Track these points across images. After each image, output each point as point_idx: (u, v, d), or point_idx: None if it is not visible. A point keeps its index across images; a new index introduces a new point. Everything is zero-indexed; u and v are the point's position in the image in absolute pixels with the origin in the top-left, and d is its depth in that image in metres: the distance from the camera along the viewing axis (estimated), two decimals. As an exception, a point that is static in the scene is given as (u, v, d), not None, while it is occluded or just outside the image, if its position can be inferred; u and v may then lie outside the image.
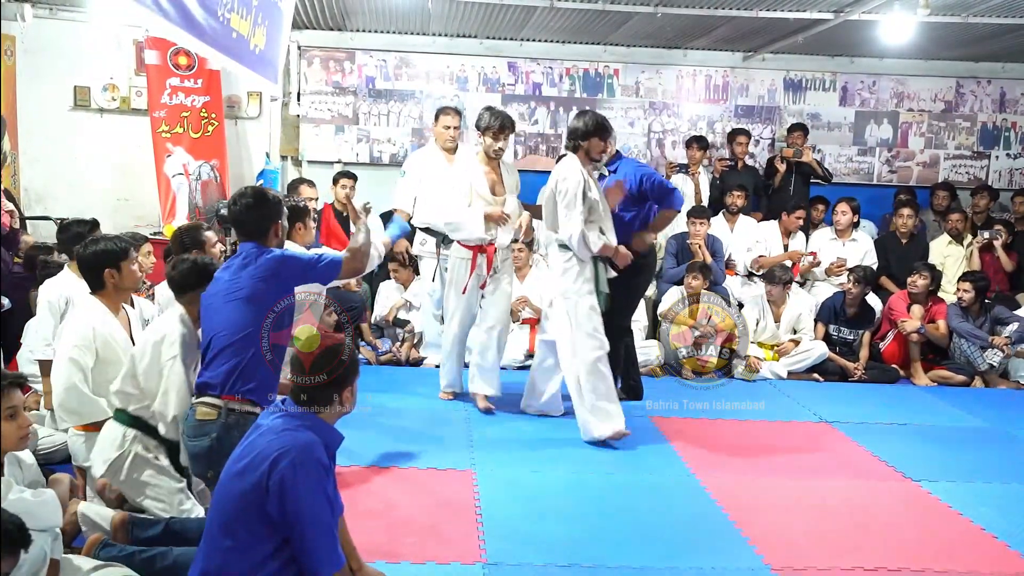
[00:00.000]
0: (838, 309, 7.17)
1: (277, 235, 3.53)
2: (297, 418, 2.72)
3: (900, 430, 5.73)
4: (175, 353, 3.54)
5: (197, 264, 3.71)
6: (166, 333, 3.59)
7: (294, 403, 2.77)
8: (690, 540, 3.89)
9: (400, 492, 4.32)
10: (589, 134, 5.16)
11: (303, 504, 2.55)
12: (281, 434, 2.66)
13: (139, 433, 3.61)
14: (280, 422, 2.72)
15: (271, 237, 3.53)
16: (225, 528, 2.62)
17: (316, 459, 2.62)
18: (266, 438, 2.67)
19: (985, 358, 6.97)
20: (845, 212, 7.77)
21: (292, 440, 2.63)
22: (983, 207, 8.40)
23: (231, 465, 2.70)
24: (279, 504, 2.55)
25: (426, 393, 6.11)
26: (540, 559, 3.63)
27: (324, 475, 2.64)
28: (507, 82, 8.86)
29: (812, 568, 3.66)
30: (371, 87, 8.75)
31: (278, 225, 3.55)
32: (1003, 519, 4.21)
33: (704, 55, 8.88)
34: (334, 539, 2.65)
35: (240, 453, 2.71)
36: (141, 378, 3.59)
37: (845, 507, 4.34)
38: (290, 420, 2.71)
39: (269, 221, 3.51)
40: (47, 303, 4.73)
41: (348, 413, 2.85)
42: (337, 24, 8.42)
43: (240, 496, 2.60)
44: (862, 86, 9.07)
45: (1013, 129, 9.16)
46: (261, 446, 2.65)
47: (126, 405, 3.63)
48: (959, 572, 3.68)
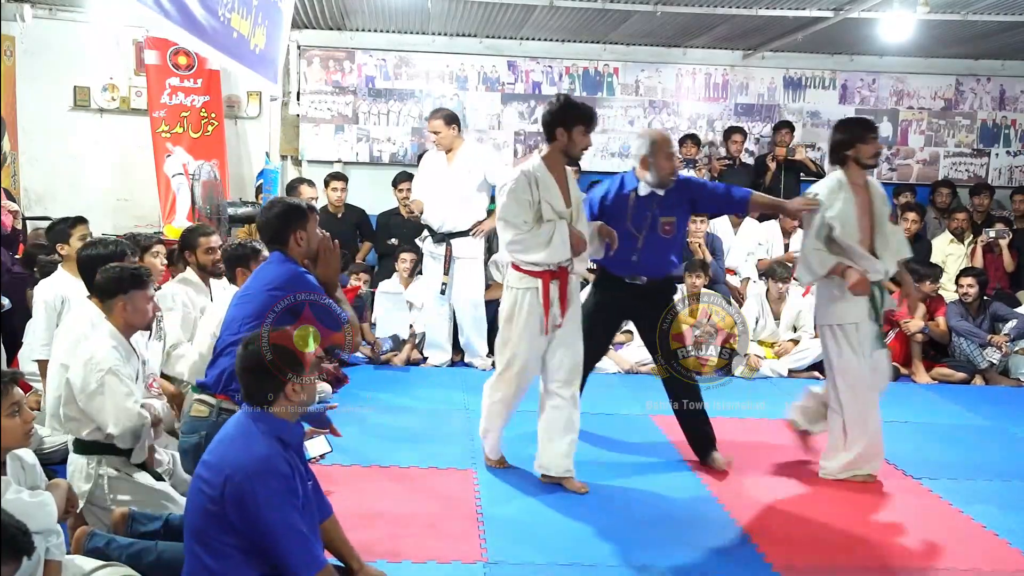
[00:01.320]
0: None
1: (299, 244, 3.46)
2: (252, 418, 2.68)
3: (901, 428, 5.72)
4: (106, 367, 3.46)
5: (124, 270, 3.66)
6: (93, 353, 3.50)
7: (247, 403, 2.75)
8: (692, 539, 3.89)
9: (401, 491, 4.32)
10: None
11: (266, 517, 2.53)
12: (234, 443, 2.63)
13: (103, 456, 3.55)
14: (234, 429, 2.69)
15: (292, 246, 3.46)
16: (197, 536, 2.61)
17: (272, 471, 2.57)
18: (223, 446, 2.65)
19: (984, 356, 6.97)
20: None
21: (246, 454, 2.59)
22: (984, 206, 8.40)
23: (199, 469, 2.69)
24: (241, 518, 2.53)
25: (427, 392, 6.12)
26: (541, 558, 3.63)
27: (283, 484, 2.59)
28: (507, 81, 8.86)
29: (814, 567, 3.67)
30: (371, 86, 8.75)
31: (298, 234, 3.47)
32: (1004, 516, 4.21)
33: (704, 53, 8.88)
34: (307, 542, 2.61)
35: (204, 459, 2.69)
36: (80, 401, 3.50)
37: (846, 505, 4.33)
38: (246, 423, 2.67)
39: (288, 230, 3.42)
40: (43, 303, 4.73)
41: (305, 408, 2.76)
42: (337, 23, 8.42)
43: (204, 507, 2.59)
44: (862, 84, 9.07)
45: (1013, 127, 9.17)
46: (219, 456, 2.63)
47: (78, 432, 3.55)
48: (960, 570, 3.68)
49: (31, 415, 2.80)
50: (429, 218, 6.69)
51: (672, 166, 4.58)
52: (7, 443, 2.71)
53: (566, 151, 4.29)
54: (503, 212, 4.26)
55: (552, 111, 4.28)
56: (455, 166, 6.60)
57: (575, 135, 4.24)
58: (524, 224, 4.20)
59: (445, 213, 6.62)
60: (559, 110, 4.25)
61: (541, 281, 4.28)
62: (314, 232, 3.44)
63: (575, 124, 4.23)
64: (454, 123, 6.58)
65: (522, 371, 4.42)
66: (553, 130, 4.27)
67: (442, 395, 6.07)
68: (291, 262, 3.37)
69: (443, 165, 6.65)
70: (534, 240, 4.20)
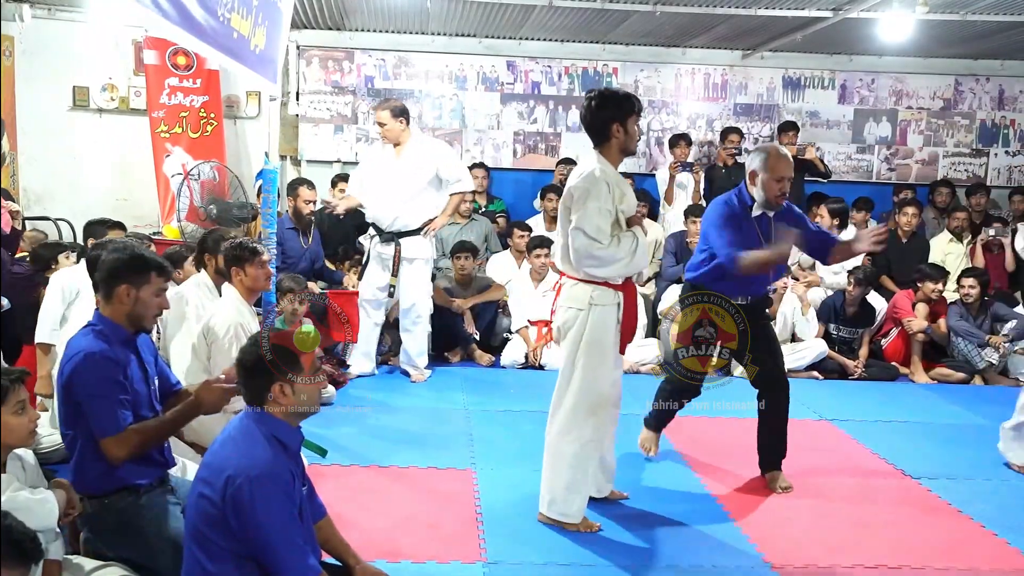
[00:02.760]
0: (838, 308, 7.17)
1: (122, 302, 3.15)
2: (253, 419, 2.66)
3: (900, 427, 5.73)
4: None
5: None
6: None
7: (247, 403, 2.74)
8: (690, 538, 3.90)
9: (400, 491, 4.33)
10: None
11: (262, 523, 2.51)
12: (236, 444, 2.62)
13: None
14: (236, 430, 2.67)
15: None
16: (196, 538, 2.60)
17: (272, 475, 2.55)
18: (226, 449, 2.63)
19: (983, 356, 6.98)
20: (823, 216, 7.65)
21: (248, 456, 2.57)
22: (982, 205, 8.41)
23: (200, 471, 2.68)
24: (238, 522, 2.52)
25: (427, 392, 6.12)
26: (540, 558, 3.63)
27: (282, 490, 2.57)
28: (506, 81, 8.87)
29: (812, 565, 3.67)
30: (370, 86, 8.76)
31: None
32: (1002, 516, 4.22)
33: (703, 53, 8.88)
34: (302, 551, 2.59)
35: (206, 460, 2.69)
36: None
37: (845, 504, 4.34)
38: (247, 424, 2.66)
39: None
40: (60, 289, 4.80)
41: (305, 411, 2.71)
42: (336, 24, 8.42)
43: (204, 509, 2.58)
44: (861, 84, 9.08)
45: (1012, 127, 9.17)
46: (221, 457, 2.62)
47: None
48: (958, 569, 3.68)
49: (36, 415, 2.81)
50: (378, 216, 6.29)
51: (781, 188, 4.30)
52: (11, 441, 2.72)
53: (624, 147, 3.93)
54: (581, 222, 3.75)
55: (600, 107, 3.87)
56: (404, 161, 6.20)
57: (630, 127, 3.89)
58: (606, 237, 3.75)
59: (395, 211, 6.21)
60: (610, 105, 3.87)
61: (623, 295, 3.91)
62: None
63: (628, 116, 3.88)
64: (402, 116, 6.17)
65: (619, 399, 4.06)
66: (608, 127, 3.86)
67: (442, 395, 6.07)
68: (95, 335, 3.07)
69: (391, 160, 6.24)
70: (616, 253, 3.78)
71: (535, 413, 5.66)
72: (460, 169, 6.45)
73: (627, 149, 3.94)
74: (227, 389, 3.06)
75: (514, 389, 6.29)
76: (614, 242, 3.77)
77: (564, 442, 3.90)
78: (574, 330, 3.87)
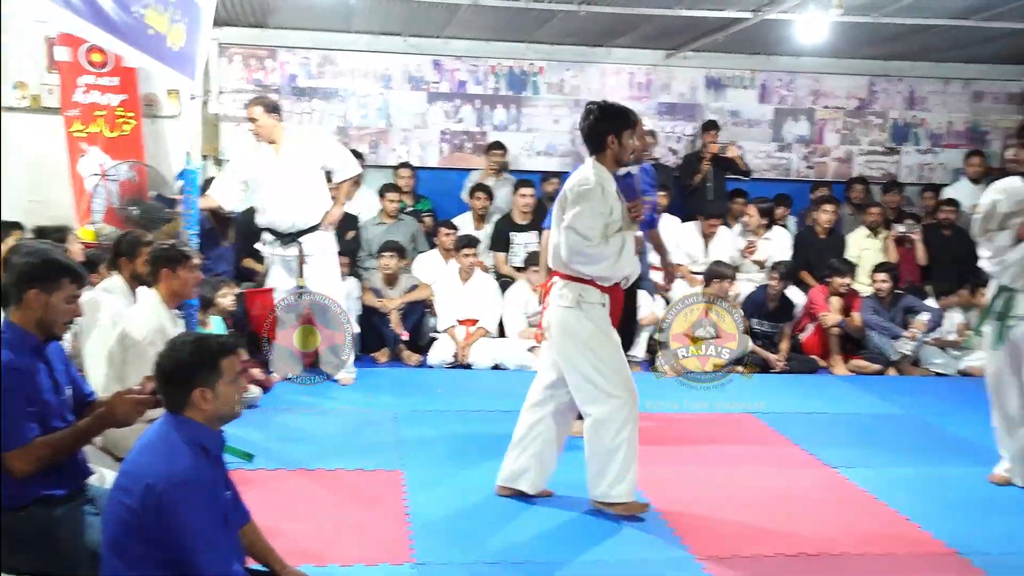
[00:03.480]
0: (760, 303, 7.33)
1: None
2: (173, 425, 2.60)
3: (820, 418, 5.89)
4: None
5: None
6: None
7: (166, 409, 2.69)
8: (617, 533, 3.94)
9: (328, 494, 4.29)
10: None
11: (184, 531, 2.46)
12: (156, 451, 2.56)
13: None
14: (154, 436, 2.60)
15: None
16: (114, 547, 2.54)
17: (193, 481, 2.50)
18: (145, 456, 2.57)
19: (895, 348, 7.22)
20: (752, 215, 7.94)
21: (168, 463, 2.51)
22: (895, 202, 8.69)
23: (118, 478, 2.62)
24: (159, 530, 2.47)
25: (354, 395, 6.07)
26: (469, 557, 3.64)
27: (204, 496, 2.52)
28: (432, 80, 8.83)
29: (736, 556, 3.75)
30: (293, 85, 8.64)
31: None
32: (915, 502, 4.37)
33: (627, 53, 8.98)
34: (225, 558, 2.55)
35: (123, 467, 2.62)
36: None
37: (768, 495, 4.44)
38: (166, 430, 2.60)
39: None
40: None
41: (227, 415, 2.67)
42: (258, 21, 8.28)
43: (122, 518, 2.52)
44: (780, 84, 9.28)
45: (922, 126, 9.48)
46: (139, 464, 2.56)
47: None
48: (875, 554, 3.81)
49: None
50: (273, 221, 6.07)
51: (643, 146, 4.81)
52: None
53: (618, 157, 4.10)
54: (574, 221, 3.92)
55: (597, 120, 4.07)
56: (285, 159, 5.98)
57: (624, 139, 4.07)
58: (596, 236, 3.91)
59: (290, 212, 6.01)
60: (605, 118, 4.07)
61: (609, 298, 4.06)
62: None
63: (623, 129, 4.07)
64: (276, 112, 5.98)
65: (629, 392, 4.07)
66: (603, 139, 4.05)
67: (369, 397, 6.03)
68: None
69: (271, 160, 5.99)
70: (604, 251, 3.95)
71: (463, 413, 5.70)
72: (344, 154, 6.32)
73: (621, 159, 4.13)
74: (140, 400, 2.96)
75: (442, 389, 6.29)
76: (603, 242, 3.94)
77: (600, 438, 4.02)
78: (565, 326, 4.03)
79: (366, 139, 8.77)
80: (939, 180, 9.28)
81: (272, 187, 6.01)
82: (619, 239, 4.00)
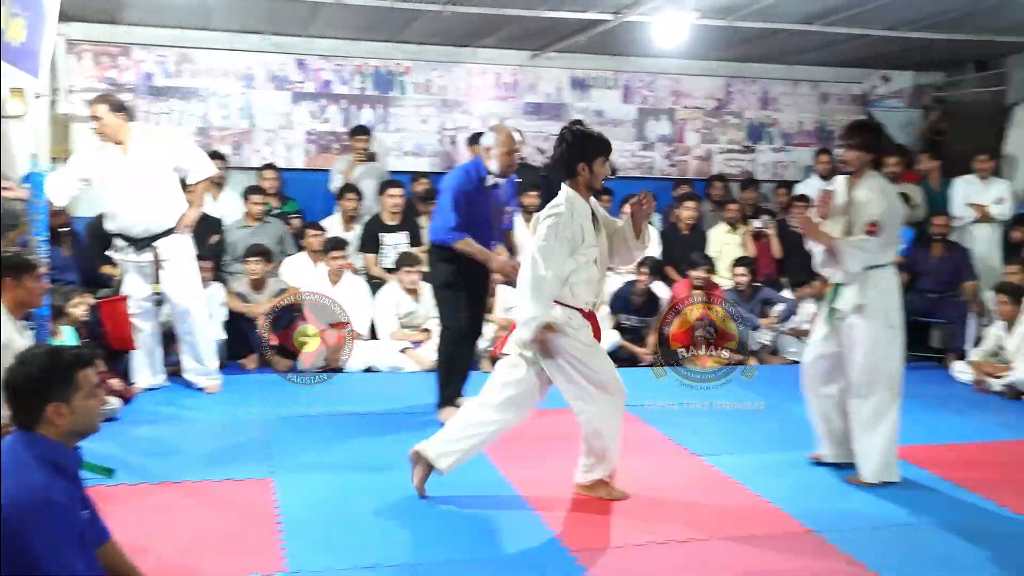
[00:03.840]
0: (627, 298, 7.52)
1: None
2: (24, 443, 2.48)
3: (685, 410, 6.07)
4: None
5: None
6: None
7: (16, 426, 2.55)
8: (493, 532, 3.96)
9: (195, 507, 4.15)
10: None
11: (37, 553, 2.35)
12: (7, 471, 2.42)
13: None
14: (5, 456, 2.46)
15: None
16: None
17: (46, 501, 2.40)
18: None
19: (755, 338, 7.55)
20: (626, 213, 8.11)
21: (18, 485, 2.39)
22: (752, 199, 9.07)
23: None
24: (11, 554, 2.34)
25: (219, 404, 5.89)
26: (344, 563, 3.59)
27: (57, 517, 2.42)
28: (296, 80, 8.67)
29: (609, 547, 3.83)
30: (150, 84, 8.31)
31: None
32: (775, 485, 4.56)
33: (493, 53, 9.05)
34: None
35: None
36: None
37: (638, 486, 4.54)
38: (16, 448, 2.47)
39: None
40: None
41: (84, 430, 2.56)
42: (109, 16, 7.92)
43: None
44: (642, 84, 9.55)
45: (775, 125, 9.94)
46: None
47: None
48: (739, 537, 3.96)
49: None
50: (124, 226, 5.82)
51: (511, 160, 5.26)
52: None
53: (589, 185, 4.13)
54: (540, 251, 4.01)
55: (570, 146, 4.11)
56: (134, 160, 5.73)
57: (596, 167, 4.10)
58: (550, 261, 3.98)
59: (143, 216, 5.78)
60: (577, 144, 4.11)
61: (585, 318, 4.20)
62: None
63: (595, 156, 4.10)
64: (122, 111, 5.70)
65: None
66: (574, 166, 4.09)
67: (237, 404, 5.85)
68: None
69: (118, 161, 5.73)
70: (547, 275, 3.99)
71: (335, 417, 5.61)
72: (198, 155, 6.12)
73: (592, 186, 4.18)
74: None
75: (313, 394, 6.17)
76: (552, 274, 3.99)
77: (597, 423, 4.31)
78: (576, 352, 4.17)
79: (228, 140, 8.53)
80: (791, 177, 9.73)
81: (120, 189, 5.76)
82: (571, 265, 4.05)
